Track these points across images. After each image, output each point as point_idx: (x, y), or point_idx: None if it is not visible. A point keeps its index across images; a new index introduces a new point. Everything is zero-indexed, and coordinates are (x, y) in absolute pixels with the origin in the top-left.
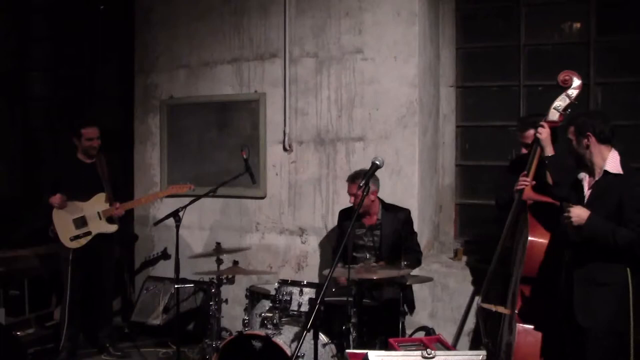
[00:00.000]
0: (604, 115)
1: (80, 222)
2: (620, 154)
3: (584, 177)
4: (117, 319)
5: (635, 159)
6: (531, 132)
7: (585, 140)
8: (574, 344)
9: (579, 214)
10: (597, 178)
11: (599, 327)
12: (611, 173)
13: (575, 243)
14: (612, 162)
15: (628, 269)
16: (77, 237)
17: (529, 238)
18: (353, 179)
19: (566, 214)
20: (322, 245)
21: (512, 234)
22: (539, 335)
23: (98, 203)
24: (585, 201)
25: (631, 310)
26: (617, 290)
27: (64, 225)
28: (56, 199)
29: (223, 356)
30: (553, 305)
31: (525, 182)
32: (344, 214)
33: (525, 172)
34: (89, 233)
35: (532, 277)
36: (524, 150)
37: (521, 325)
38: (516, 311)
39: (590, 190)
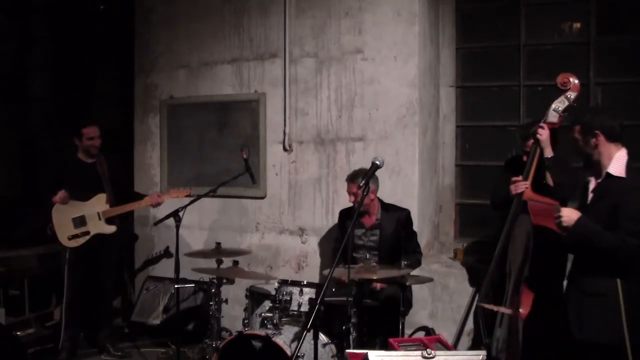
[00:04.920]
0: (611, 111)
1: (79, 221)
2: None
3: (591, 180)
4: (117, 319)
5: (635, 159)
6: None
7: (594, 139)
8: (570, 356)
9: (568, 215)
10: (601, 180)
11: (592, 340)
12: (613, 175)
13: (572, 253)
14: (617, 164)
15: (618, 280)
16: (75, 237)
17: (534, 239)
18: (352, 178)
19: (556, 215)
20: (322, 245)
21: (511, 234)
22: (545, 333)
23: (98, 203)
24: (588, 203)
25: (624, 322)
26: (609, 301)
27: (62, 223)
28: (59, 196)
29: (223, 356)
30: (556, 305)
31: (524, 185)
32: (344, 214)
33: (524, 175)
34: (87, 233)
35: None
36: (526, 158)
37: (527, 324)
38: (521, 310)
39: (592, 193)
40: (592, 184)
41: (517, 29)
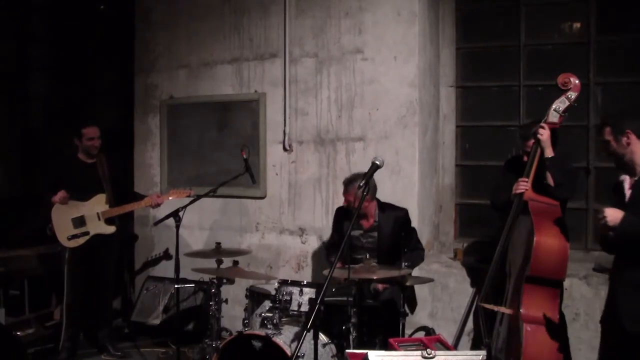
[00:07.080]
0: (636, 112)
1: (79, 221)
2: None
3: (625, 178)
4: (117, 319)
5: None
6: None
7: (625, 138)
8: (621, 351)
9: (612, 214)
10: (637, 177)
11: None
12: None
13: (617, 248)
14: None
15: None
16: (74, 237)
17: (536, 239)
18: (347, 185)
19: (600, 216)
20: (322, 245)
21: (512, 234)
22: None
23: (98, 204)
24: (626, 201)
25: None
26: None
27: (62, 223)
28: (58, 196)
29: (223, 356)
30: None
31: (525, 186)
32: (341, 213)
33: (525, 175)
34: (86, 233)
35: (539, 276)
36: (526, 158)
37: (529, 324)
38: (522, 310)
39: (630, 190)
40: (628, 181)
41: (517, 29)
